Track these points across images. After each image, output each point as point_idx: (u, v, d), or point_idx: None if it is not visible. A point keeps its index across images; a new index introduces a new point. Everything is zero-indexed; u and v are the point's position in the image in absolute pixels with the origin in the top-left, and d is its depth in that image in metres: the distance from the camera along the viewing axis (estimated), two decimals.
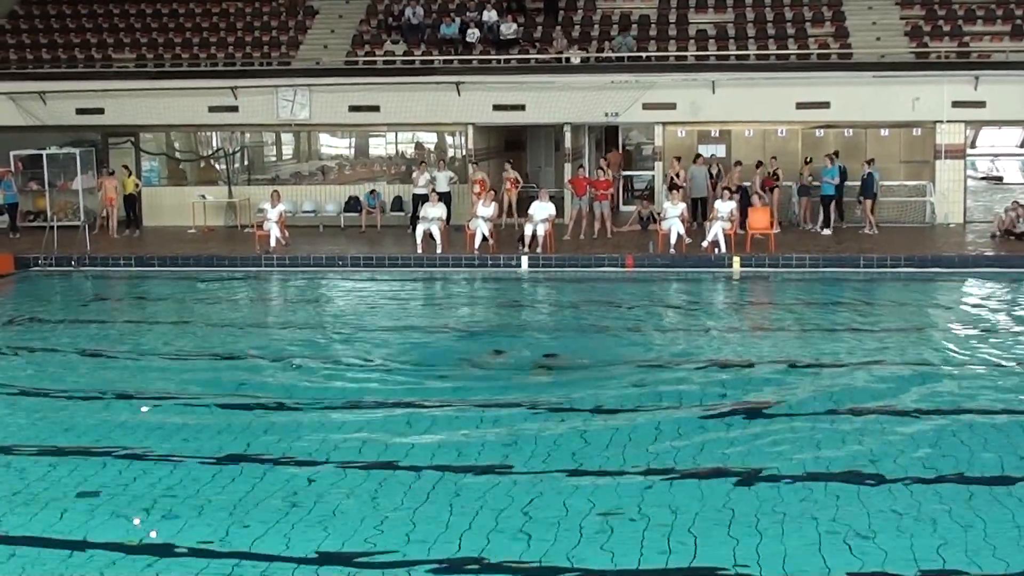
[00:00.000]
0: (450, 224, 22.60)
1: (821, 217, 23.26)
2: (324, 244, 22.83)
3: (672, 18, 27.45)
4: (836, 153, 23.47)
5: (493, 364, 12.38)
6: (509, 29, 26.77)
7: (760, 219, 21.29)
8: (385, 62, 26.55)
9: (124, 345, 14.29)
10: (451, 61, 26.04)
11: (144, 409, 11.03)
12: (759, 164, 23.58)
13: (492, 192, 22.60)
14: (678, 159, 24.16)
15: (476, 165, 24.72)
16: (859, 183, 22.90)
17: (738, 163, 23.82)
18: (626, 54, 25.54)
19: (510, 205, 24.52)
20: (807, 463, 8.84)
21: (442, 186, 23.75)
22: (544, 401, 10.92)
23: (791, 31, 26.54)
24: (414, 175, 24.52)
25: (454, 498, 8.13)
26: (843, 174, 23.01)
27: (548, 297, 18.73)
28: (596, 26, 27.62)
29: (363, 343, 14.00)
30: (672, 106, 24.77)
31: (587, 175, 23.53)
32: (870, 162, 22.86)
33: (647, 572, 6.89)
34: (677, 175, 23.61)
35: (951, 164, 24.29)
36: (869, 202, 22.68)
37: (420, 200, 23.55)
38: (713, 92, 24.44)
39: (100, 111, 26.12)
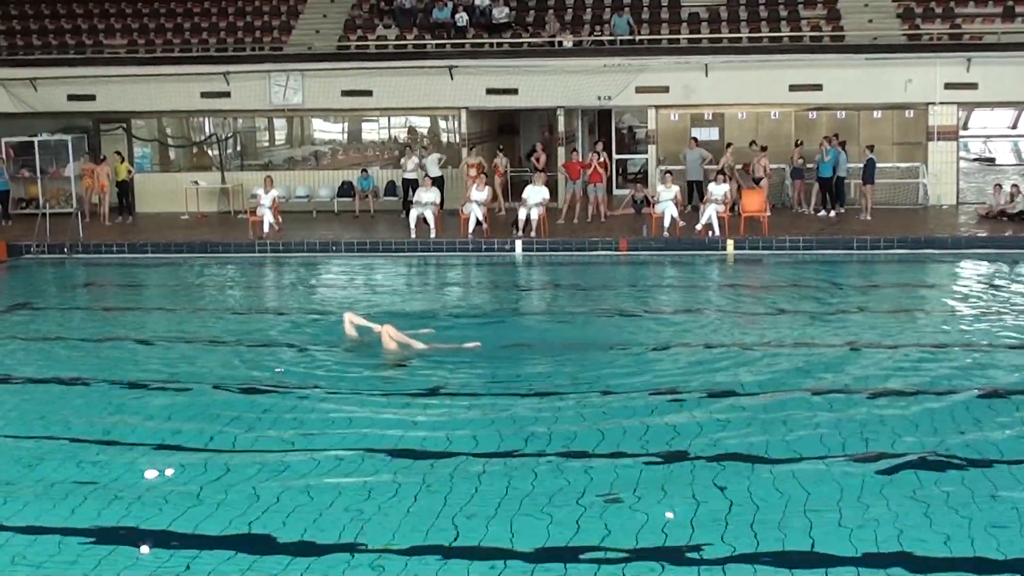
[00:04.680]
0: (443, 209, 22.59)
1: (815, 199, 23.28)
2: (318, 229, 22.80)
3: (664, 1, 27.42)
4: (836, 135, 23.50)
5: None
6: (501, 13, 26.72)
7: (753, 202, 21.32)
8: (377, 47, 26.50)
9: (118, 331, 14.28)
10: (444, 45, 25.98)
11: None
12: (764, 148, 23.46)
13: (484, 176, 22.57)
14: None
15: (472, 149, 24.68)
16: (861, 167, 22.89)
17: (764, 148, 23.62)
18: (621, 37, 25.50)
19: (500, 190, 24.57)
20: (804, 445, 8.89)
21: (433, 170, 23.72)
22: (535, 386, 10.97)
23: (783, 13, 26.52)
24: (402, 160, 24.55)
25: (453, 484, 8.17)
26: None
27: (541, 280, 18.75)
28: (588, 10, 27.58)
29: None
30: (665, 89, 24.76)
31: (580, 159, 23.54)
32: (870, 148, 22.86)
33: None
34: (539, 158, 23.70)
35: (944, 146, 24.34)
36: (869, 187, 22.66)
37: (409, 185, 23.63)
38: (706, 75, 24.44)
39: (91, 97, 26.04)
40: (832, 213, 22.75)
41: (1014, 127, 39.42)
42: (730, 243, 19.98)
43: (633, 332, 13.59)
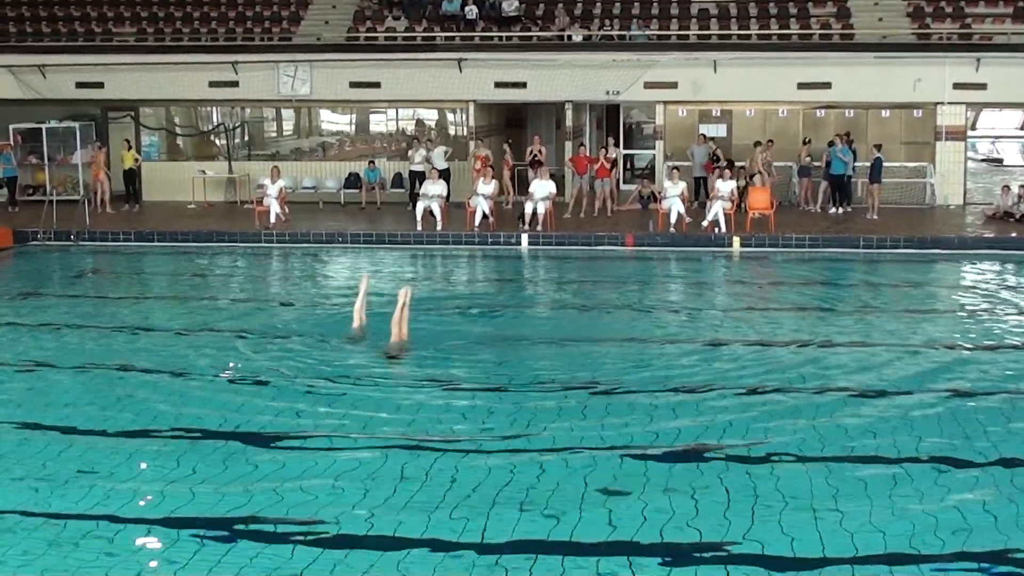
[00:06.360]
0: (450, 201, 22.58)
1: (822, 197, 23.27)
2: (324, 220, 22.82)
3: None
4: (848, 134, 23.50)
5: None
6: (511, 6, 26.70)
7: (760, 199, 21.30)
8: (386, 38, 26.49)
9: (121, 320, 14.30)
10: (453, 38, 25.96)
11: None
12: (760, 144, 23.49)
13: (491, 169, 22.55)
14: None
15: (480, 141, 24.70)
16: (868, 166, 22.86)
17: (771, 141, 23.68)
18: (633, 33, 25.48)
19: (507, 183, 24.58)
20: (803, 444, 8.90)
21: (440, 163, 23.72)
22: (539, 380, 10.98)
23: (793, 11, 26.48)
24: (409, 152, 24.59)
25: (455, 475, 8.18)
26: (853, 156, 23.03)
27: (547, 274, 18.75)
28: (598, 4, 27.54)
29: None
30: (673, 85, 24.73)
31: (588, 153, 23.54)
32: (878, 147, 22.84)
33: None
34: (540, 151, 23.87)
35: (952, 146, 24.30)
36: (876, 186, 22.61)
37: (416, 177, 23.65)
38: (715, 71, 24.40)
39: (100, 85, 26.06)
40: (840, 211, 22.74)
41: (1022, 128, 39.38)
42: (736, 240, 19.97)
43: (637, 327, 13.58)
